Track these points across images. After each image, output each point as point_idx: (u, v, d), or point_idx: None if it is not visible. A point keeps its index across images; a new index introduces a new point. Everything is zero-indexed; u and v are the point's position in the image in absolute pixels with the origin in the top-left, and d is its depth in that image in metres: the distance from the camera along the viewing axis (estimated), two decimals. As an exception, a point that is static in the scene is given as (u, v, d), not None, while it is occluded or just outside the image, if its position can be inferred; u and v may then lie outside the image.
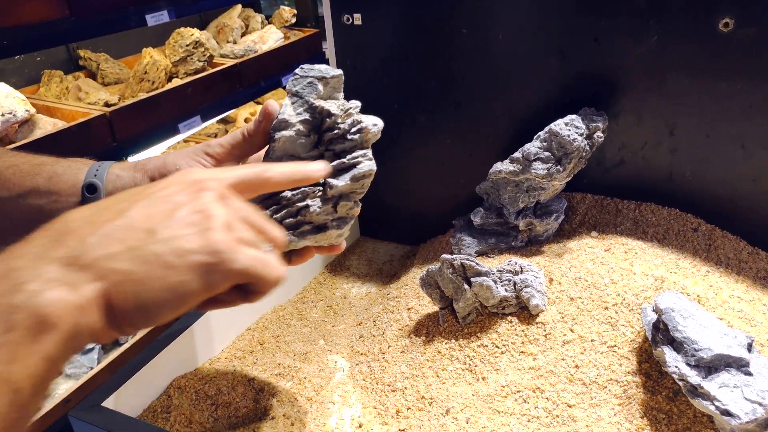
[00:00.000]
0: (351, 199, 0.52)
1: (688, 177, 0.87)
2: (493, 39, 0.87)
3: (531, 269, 0.77)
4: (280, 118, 0.52)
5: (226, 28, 2.16)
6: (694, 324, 0.64)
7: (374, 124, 0.52)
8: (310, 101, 0.52)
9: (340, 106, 0.53)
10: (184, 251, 0.35)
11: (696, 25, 0.77)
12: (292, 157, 0.53)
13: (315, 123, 0.53)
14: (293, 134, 0.51)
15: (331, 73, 0.54)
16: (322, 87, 0.53)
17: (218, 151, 0.53)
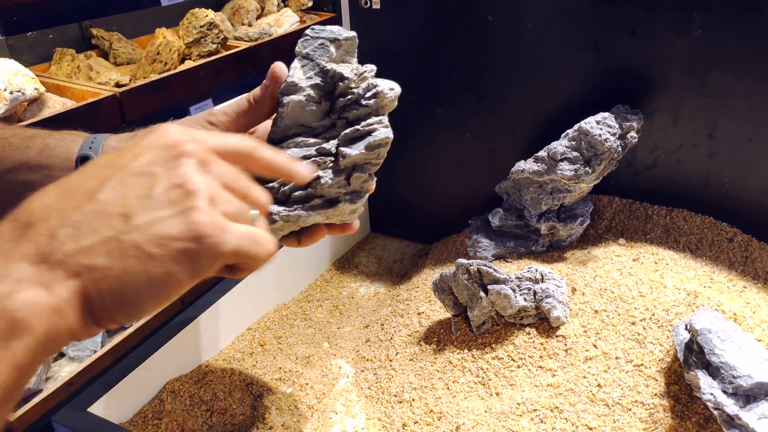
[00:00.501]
0: (365, 170, 0.48)
1: (725, 183, 0.81)
2: (521, 28, 0.81)
3: (552, 277, 0.72)
4: (289, 81, 0.47)
5: (242, 9, 2.10)
6: (733, 347, 0.58)
7: (391, 88, 0.48)
8: (322, 64, 0.47)
9: (354, 70, 0.48)
10: (165, 238, 0.31)
11: (745, 20, 0.70)
12: (302, 126, 0.48)
13: (327, 89, 0.47)
14: (303, 99, 0.46)
15: (344, 35, 0.48)
16: (334, 49, 0.48)
17: (222, 119, 0.48)
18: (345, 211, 0.49)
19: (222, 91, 1.84)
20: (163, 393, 0.67)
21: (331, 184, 0.46)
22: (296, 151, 0.47)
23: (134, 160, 0.33)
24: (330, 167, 0.47)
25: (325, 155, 0.47)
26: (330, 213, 0.48)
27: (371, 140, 0.46)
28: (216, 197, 0.33)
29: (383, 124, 0.47)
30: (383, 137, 0.46)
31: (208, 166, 0.34)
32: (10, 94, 1.40)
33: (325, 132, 0.48)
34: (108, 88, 1.58)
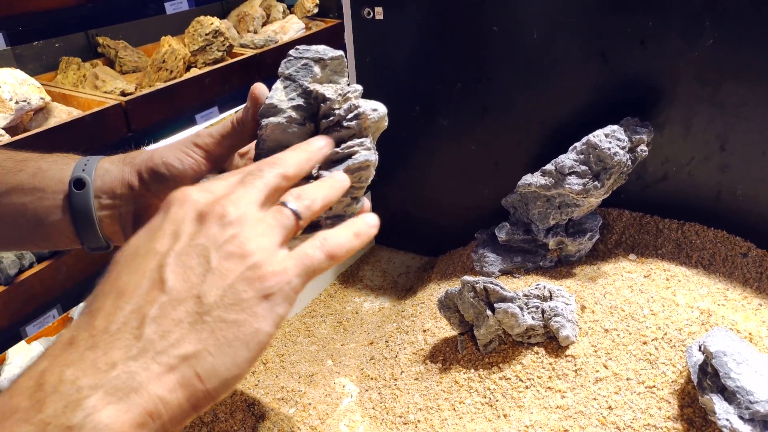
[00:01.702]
0: (348, 194, 0.46)
1: (738, 196, 0.78)
2: (527, 38, 0.79)
3: (561, 295, 0.70)
4: (267, 102, 0.45)
5: (247, 17, 2.10)
6: (749, 371, 0.56)
7: (374, 109, 0.45)
8: (305, 85, 0.45)
9: (338, 91, 0.46)
10: (241, 303, 0.33)
11: (758, 29, 0.68)
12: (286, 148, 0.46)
13: (311, 110, 0.46)
14: (283, 121, 0.45)
15: (330, 54, 0.47)
16: (319, 69, 0.46)
17: (207, 141, 0.48)
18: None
19: (228, 99, 1.83)
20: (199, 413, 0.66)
21: None
22: None
23: (176, 241, 0.34)
24: None
25: (306, 178, 0.45)
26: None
27: (350, 163, 0.44)
28: (266, 235, 0.35)
29: (364, 146, 0.45)
30: (363, 160, 0.44)
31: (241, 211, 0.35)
32: (15, 104, 1.40)
33: None
34: (114, 96, 1.58)
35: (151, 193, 0.47)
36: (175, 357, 0.31)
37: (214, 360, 0.31)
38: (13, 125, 1.40)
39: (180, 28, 1.95)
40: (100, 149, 1.48)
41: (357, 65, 0.92)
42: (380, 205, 1.03)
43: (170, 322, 0.31)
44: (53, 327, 1.59)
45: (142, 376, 0.30)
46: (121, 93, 1.62)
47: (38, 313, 1.35)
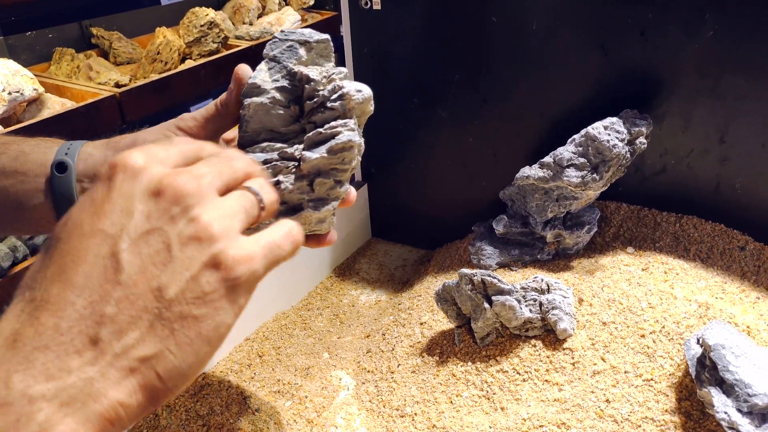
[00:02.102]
0: (331, 176, 0.45)
1: (737, 189, 0.78)
2: (526, 29, 0.78)
3: (559, 288, 0.70)
4: (251, 82, 0.44)
5: (243, 8, 2.08)
6: (747, 364, 0.56)
7: (358, 90, 0.45)
8: (289, 67, 0.45)
9: (323, 72, 0.45)
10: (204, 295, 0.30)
11: (759, 21, 0.68)
12: (271, 132, 0.45)
13: (296, 93, 0.45)
14: (267, 102, 0.44)
15: (316, 37, 0.46)
16: (304, 52, 0.45)
17: (191, 124, 0.47)
18: (311, 220, 0.46)
19: (223, 91, 1.81)
20: (159, 407, 0.65)
21: (291, 189, 0.44)
22: (259, 155, 0.44)
23: (128, 221, 0.30)
24: (293, 172, 0.44)
25: (287, 159, 0.44)
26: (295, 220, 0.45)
27: (333, 143, 0.43)
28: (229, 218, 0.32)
29: (348, 127, 0.44)
30: (345, 140, 0.43)
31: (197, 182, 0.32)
32: (8, 94, 1.39)
33: (295, 137, 0.46)
34: (108, 88, 1.56)
35: None
36: (134, 359, 0.28)
37: (176, 359, 0.29)
38: (6, 116, 1.39)
39: (175, 19, 1.93)
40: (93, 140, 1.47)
41: (354, 56, 0.91)
42: (377, 198, 1.03)
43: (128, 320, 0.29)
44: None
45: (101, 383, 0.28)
46: (115, 84, 1.61)
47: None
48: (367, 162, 1.01)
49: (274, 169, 0.44)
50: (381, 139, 0.96)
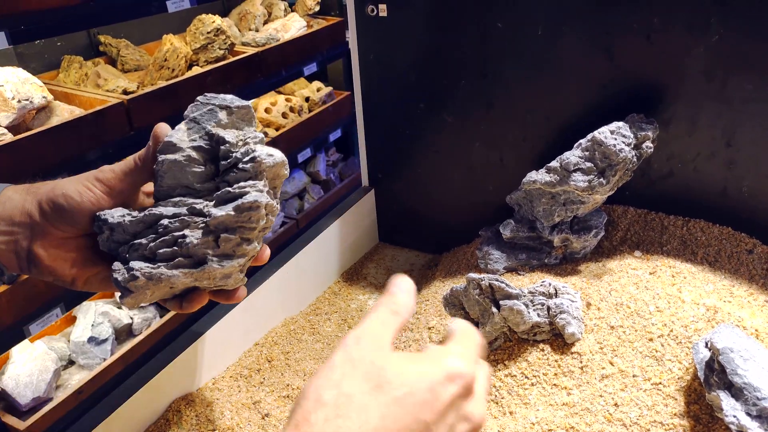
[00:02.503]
0: (237, 233, 0.46)
1: (744, 193, 0.78)
2: (531, 35, 0.79)
3: (567, 292, 0.70)
4: (167, 140, 0.46)
5: (249, 15, 2.10)
6: (756, 367, 0.56)
7: (269, 154, 0.46)
8: (207, 128, 0.47)
9: (239, 136, 0.47)
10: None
11: (764, 24, 0.68)
12: (186, 188, 0.47)
13: (213, 153, 0.47)
14: (181, 159, 0.46)
15: (237, 103, 0.48)
16: (224, 116, 0.47)
17: (109, 176, 0.48)
18: (215, 275, 0.47)
19: (230, 97, 1.83)
20: (169, 413, 0.66)
21: (196, 243, 0.45)
22: (170, 209, 0.46)
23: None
24: (201, 228, 0.46)
25: (196, 215, 0.46)
26: (198, 275, 0.46)
27: (240, 202, 0.45)
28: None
29: (256, 188, 0.45)
30: (252, 200, 0.45)
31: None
32: (18, 102, 1.40)
33: (209, 195, 0.47)
34: (116, 95, 1.58)
35: (49, 223, 0.47)
36: None
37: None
38: (16, 124, 1.40)
39: (182, 26, 1.94)
40: (102, 148, 1.48)
41: (361, 63, 0.92)
42: (384, 203, 1.03)
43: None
44: (56, 326, 1.59)
45: None
46: (123, 92, 1.62)
47: (41, 312, 1.35)
48: (374, 167, 1.01)
49: (181, 223, 0.46)
50: (388, 144, 0.97)
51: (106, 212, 0.46)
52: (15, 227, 0.47)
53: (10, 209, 0.47)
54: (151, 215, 0.46)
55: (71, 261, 0.48)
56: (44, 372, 1.41)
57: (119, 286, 0.45)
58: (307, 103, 2.29)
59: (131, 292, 0.45)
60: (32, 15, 1.44)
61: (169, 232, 0.45)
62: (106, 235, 0.46)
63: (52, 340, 1.54)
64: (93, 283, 0.50)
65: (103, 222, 0.46)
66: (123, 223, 0.46)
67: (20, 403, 1.34)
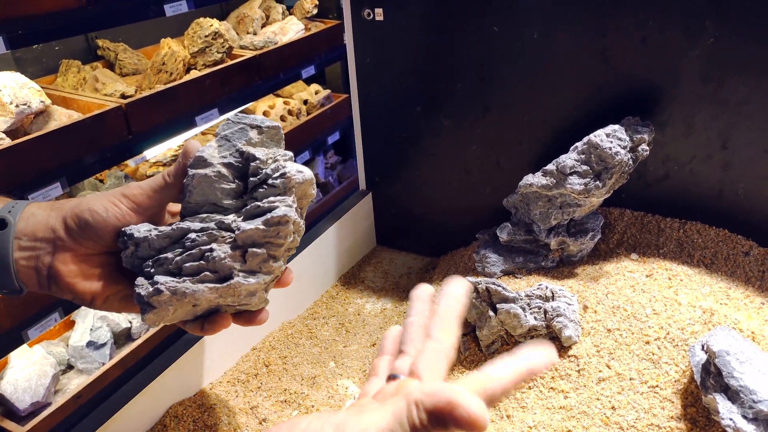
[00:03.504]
0: (264, 248, 0.46)
1: (740, 195, 0.78)
2: (527, 38, 0.79)
3: (563, 295, 0.70)
4: (198, 155, 0.47)
5: (247, 18, 2.10)
6: (752, 370, 0.56)
7: (299, 171, 0.47)
8: (238, 146, 0.47)
9: (268, 153, 0.48)
10: None
11: (759, 27, 0.68)
12: (214, 205, 0.47)
13: (242, 170, 0.48)
14: (211, 175, 0.46)
15: (267, 123, 0.49)
16: (254, 135, 0.48)
17: (136, 192, 0.48)
18: (240, 291, 0.46)
19: (228, 101, 1.83)
20: (166, 418, 0.65)
21: (223, 257, 0.45)
22: (197, 224, 0.46)
23: None
24: (228, 242, 0.46)
25: (224, 229, 0.46)
26: (223, 290, 0.46)
27: (269, 216, 0.45)
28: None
29: (285, 203, 0.46)
30: (282, 214, 0.45)
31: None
32: (16, 107, 1.40)
33: (236, 212, 0.47)
34: (114, 99, 1.58)
35: (72, 239, 0.47)
36: None
37: None
38: (14, 129, 1.40)
39: (179, 30, 1.95)
40: (100, 152, 1.48)
41: (357, 66, 0.92)
42: (381, 206, 1.03)
43: None
44: (55, 330, 1.59)
45: None
46: (121, 95, 1.62)
47: (40, 317, 1.35)
48: (372, 170, 1.01)
49: (209, 237, 0.45)
50: (385, 147, 0.97)
51: (131, 227, 0.46)
52: (38, 242, 0.46)
53: (33, 225, 0.47)
54: (178, 229, 0.45)
55: (92, 278, 0.48)
56: (43, 377, 1.40)
57: (141, 302, 0.44)
58: (305, 106, 2.29)
59: (154, 308, 0.44)
60: (30, 19, 1.44)
61: (197, 245, 0.45)
62: (131, 251, 0.46)
63: (50, 344, 1.54)
64: (113, 302, 0.49)
65: (128, 237, 0.46)
66: (149, 237, 0.45)
67: (19, 408, 1.34)
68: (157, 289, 0.44)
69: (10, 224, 0.46)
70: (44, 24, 1.46)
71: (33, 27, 1.44)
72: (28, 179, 1.32)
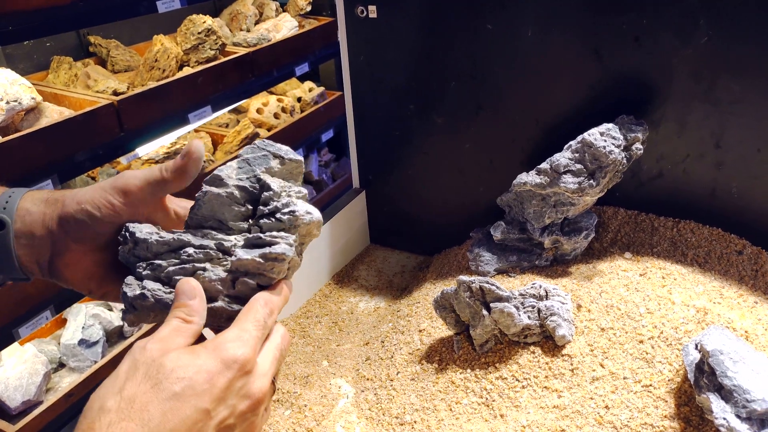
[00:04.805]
0: (256, 279, 0.46)
1: (733, 194, 0.78)
2: (521, 36, 0.79)
3: (557, 294, 0.70)
4: (216, 173, 0.47)
5: (240, 15, 2.09)
6: (746, 369, 0.56)
7: (308, 212, 0.47)
8: (257, 172, 0.48)
9: (284, 187, 0.48)
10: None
11: (753, 26, 0.68)
12: (219, 222, 0.47)
13: (255, 196, 0.48)
14: (224, 194, 0.46)
15: (290, 156, 0.49)
16: (276, 164, 0.48)
17: (129, 183, 0.48)
18: (222, 315, 0.46)
19: (221, 98, 1.82)
20: None
21: (213, 279, 0.45)
22: (198, 240, 0.46)
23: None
24: (222, 265, 0.46)
25: (222, 251, 0.46)
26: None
27: (268, 251, 0.45)
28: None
29: (287, 241, 0.45)
30: (280, 251, 0.44)
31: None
32: (6, 104, 1.39)
33: (239, 235, 0.47)
34: (106, 96, 1.56)
35: (69, 237, 0.47)
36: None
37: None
38: (4, 126, 1.39)
39: (172, 26, 1.93)
40: (92, 149, 1.47)
41: (351, 64, 0.91)
42: (375, 204, 1.03)
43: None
44: (46, 328, 1.57)
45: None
46: (113, 92, 1.61)
47: (31, 315, 1.34)
48: (365, 169, 1.01)
49: (206, 256, 0.45)
50: (378, 145, 0.97)
51: (135, 225, 0.47)
52: (35, 240, 0.47)
53: (29, 224, 0.47)
54: (178, 240, 0.46)
55: (90, 273, 0.49)
56: (34, 375, 1.39)
57: (125, 301, 0.45)
58: (299, 104, 2.28)
59: (136, 311, 0.45)
60: (20, 15, 1.43)
61: (192, 261, 0.45)
62: (129, 248, 0.46)
63: (42, 342, 1.53)
64: (110, 295, 0.51)
65: (130, 234, 0.46)
66: (149, 240, 0.45)
67: (10, 407, 1.33)
68: (143, 294, 0.44)
69: (8, 225, 0.47)
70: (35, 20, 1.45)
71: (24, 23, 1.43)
72: (19, 177, 1.31)
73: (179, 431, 0.36)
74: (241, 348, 0.40)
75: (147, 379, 0.37)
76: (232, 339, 0.40)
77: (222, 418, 0.38)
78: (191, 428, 0.36)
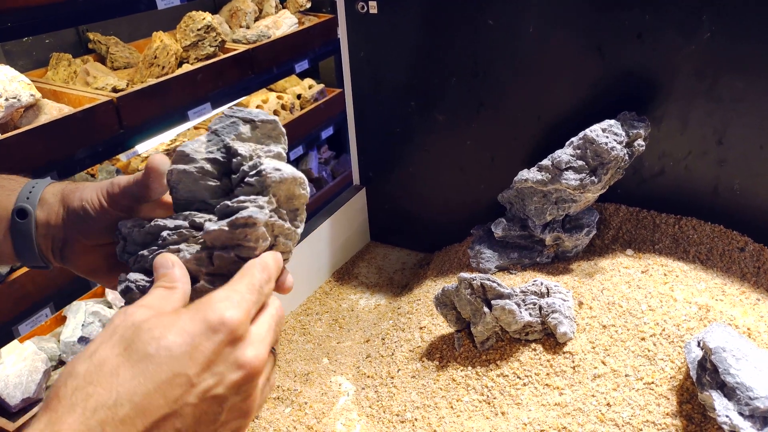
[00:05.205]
0: (233, 251, 0.43)
1: (735, 191, 0.78)
2: (523, 32, 0.78)
3: (559, 291, 0.70)
4: (179, 150, 0.44)
5: (239, 12, 2.08)
6: (749, 366, 0.56)
7: (276, 168, 0.43)
8: (226, 141, 0.44)
9: (255, 149, 0.45)
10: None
11: (755, 22, 0.68)
12: (203, 202, 0.45)
13: (229, 166, 0.45)
14: (193, 170, 0.44)
15: (261, 117, 0.45)
16: (246, 129, 0.45)
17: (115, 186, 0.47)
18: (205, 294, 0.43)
19: (220, 95, 1.82)
20: None
21: (188, 258, 0.42)
22: (172, 221, 0.44)
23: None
24: (199, 243, 0.43)
25: (196, 228, 0.43)
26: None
27: (234, 218, 0.41)
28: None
29: (256, 203, 0.42)
30: (246, 215, 0.41)
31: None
32: (5, 101, 1.38)
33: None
34: (105, 93, 1.56)
35: (75, 230, 0.48)
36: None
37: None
38: (3, 122, 1.38)
39: (171, 23, 1.93)
40: (91, 146, 1.47)
41: (351, 60, 0.91)
42: (375, 201, 1.03)
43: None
44: (46, 326, 1.57)
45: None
46: (112, 89, 1.61)
47: (30, 312, 1.34)
48: (366, 166, 1.00)
49: (179, 236, 0.43)
50: (379, 142, 0.96)
51: (121, 222, 0.46)
52: (50, 230, 0.49)
53: (47, 213, 0.49)
54: (155, 226, 0.44)
55: (97, 266, 0.50)
56: (34, 372, 1.39)
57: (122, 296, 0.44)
58: (299, 101, 2.28)
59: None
60: (19, 12, 1.42)
61: (167, 244, 0.43)
62: (121, 246, 0.46)
63: (41, 340, 1.53)
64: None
65: (118, 232, 0.46)
66: (132, 233, 0.45)
67: (10, 404, 1.33)
68: (127, 286, 0.43)
69: (31, 214, 0.48)
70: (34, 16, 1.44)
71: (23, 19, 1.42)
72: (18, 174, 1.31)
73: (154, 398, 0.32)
74: (230, 309, 0.36)
75: (121, 341, 0.34)
76: (220, 299, 0.36)
77: (206, 387, 0.34)
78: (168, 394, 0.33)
